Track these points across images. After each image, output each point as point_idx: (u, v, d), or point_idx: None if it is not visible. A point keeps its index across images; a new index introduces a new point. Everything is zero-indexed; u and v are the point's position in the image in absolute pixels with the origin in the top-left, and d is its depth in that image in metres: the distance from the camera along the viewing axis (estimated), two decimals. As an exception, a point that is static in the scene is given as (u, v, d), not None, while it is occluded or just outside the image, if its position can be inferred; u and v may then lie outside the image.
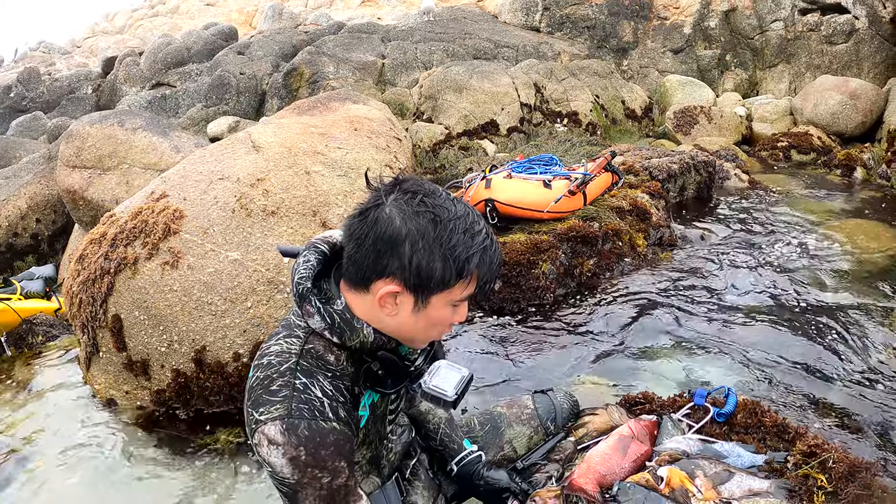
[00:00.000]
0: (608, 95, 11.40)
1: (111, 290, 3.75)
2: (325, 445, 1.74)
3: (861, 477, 2.39)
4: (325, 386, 1.81)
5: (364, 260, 1.76)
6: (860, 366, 4.13)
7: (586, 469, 2.49)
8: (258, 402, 1.77)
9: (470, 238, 1.75)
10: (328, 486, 1.76)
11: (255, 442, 1.76)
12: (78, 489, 3.49)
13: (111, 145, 7.87)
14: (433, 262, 1.72)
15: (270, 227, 3.78)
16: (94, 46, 25.56)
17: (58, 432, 3.93)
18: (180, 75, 14.02)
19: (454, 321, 1.88)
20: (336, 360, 1.87)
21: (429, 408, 2.58)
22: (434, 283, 1.74)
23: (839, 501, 2.32)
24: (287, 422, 1.72)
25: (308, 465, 1.72)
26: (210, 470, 3.54)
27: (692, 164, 6.66)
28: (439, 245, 1.71)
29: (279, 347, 1.86)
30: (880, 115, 9.70)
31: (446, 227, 1.72)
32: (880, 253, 5.70)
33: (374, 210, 1.75)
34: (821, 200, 7.55)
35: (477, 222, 1.80)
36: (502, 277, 4.43)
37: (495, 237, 1.85)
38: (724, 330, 4.36)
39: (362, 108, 5.25)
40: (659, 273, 5.03)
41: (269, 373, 1.81)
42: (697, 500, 2.33)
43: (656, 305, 4.63)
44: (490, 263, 1.80)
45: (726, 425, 2.83)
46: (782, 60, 12.83)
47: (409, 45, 13.03)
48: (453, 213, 1.75)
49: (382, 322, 1.83)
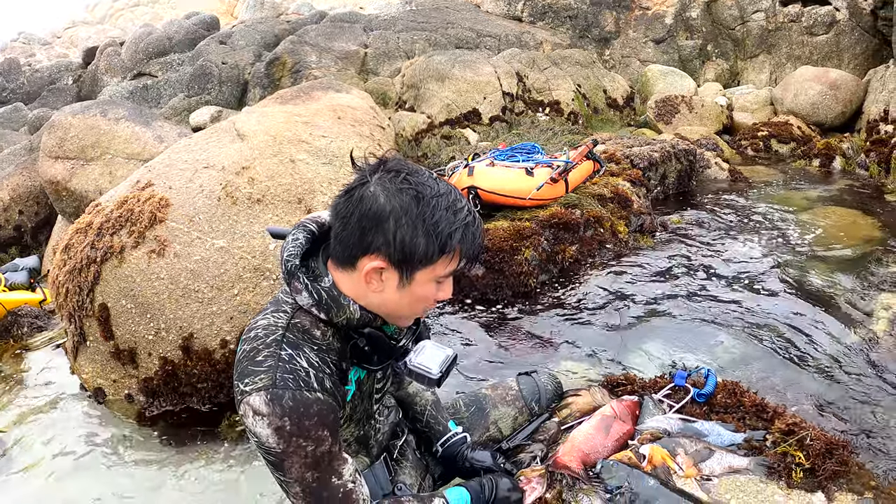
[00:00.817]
0: (590, 85, 11.44)
1: (98, 279, 3.76)
2: (308, 416, 1.77)
3: (838, 454, 2.45)
4: (311, 357, 1.85)
5: (350, 238, 1.80)
6: (836, 349, 4.20)
7: (570, 448, 2.54)
8: (244, 374, 1.81)
9: (452, 214, 1.79)
10: (312, 454, 1.80)
11: (241, 413, 1.80)
12: (67, 480, 3.51)
13: (94, 135, 7.84)
14: (416, 238, 1.76)
15: (256, 214, 3.81)
16: (74, 37, 25.39)
17: (46, 423, 3.94)
18: (162, 65, 13.95)
19: (439, 298, 1.92)
20: (322, 336, 1.91)
21: (416, 390, 2.62)
22: (418, 259, 1.78)
23: (817, 478, 2.38)
24: (271, 392, 1.75)
25: (293, 434, 1.75)
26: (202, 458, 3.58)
27: (673, 153, 6.71)
28: (422, 221, 1.76)
29: (266, 321, 1.90)
30: (860, 105, 9.78)
31: (429, 203, 1.77)
32: (856, 240, 5.77)
33: (359, 189, 1.80)
34: (800, 189, 7.63)
35: (459, 199, 1.83)
36: (486, 264, 4.47)
37: (478, 214, 1.89)
38: (703, 314, 4.42)
39: (345, 96, 5.28)
40: (640, 259, 5.09)
41: (256, 345, 1.84)
42: (679, 477, 2.39)
43: (637, 291, 4.68)
44: (473, 239, 1.84)
45: (706, 405, 2.90)
46: (763, 51, 12.90)
47: (391, 35, 13.01)
48: (436, 190, 1.79)
49: (368, 299, 1.88)
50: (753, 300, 4.58)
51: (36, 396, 4.22)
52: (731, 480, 2.39)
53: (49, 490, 3.48)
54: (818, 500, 2.31)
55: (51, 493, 3.46)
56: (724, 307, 4.52)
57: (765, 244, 5.55)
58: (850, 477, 2.39)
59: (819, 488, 2.35)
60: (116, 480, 3.51)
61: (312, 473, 1.83)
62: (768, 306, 4.51)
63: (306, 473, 1.82)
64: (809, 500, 2.31)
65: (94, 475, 3.54)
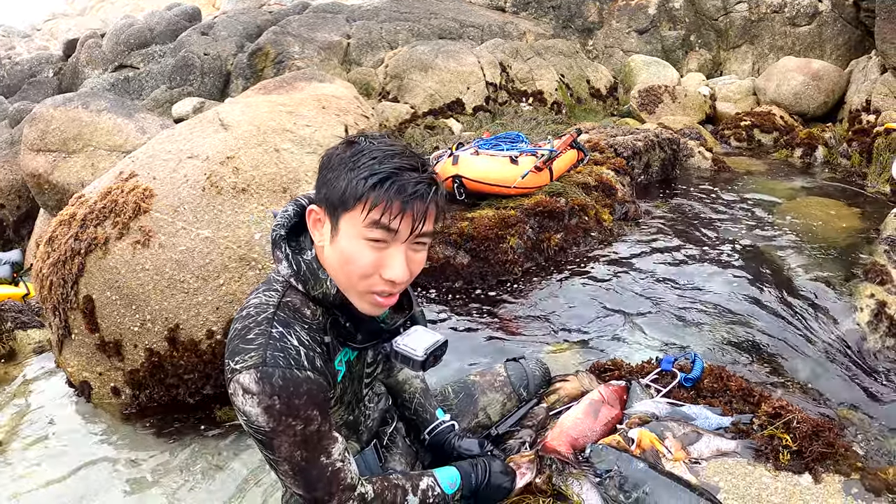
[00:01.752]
0: (573, 75, 11.46)
1: (82, 271, 3.73)
2: (298, 395, 1.77)
3: (824, 436, 2.47)
4: (301, 336, 1.85)
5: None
6: (820, 335, 4.24)
7: (559, 433, 2.55)
8: (235, 352, 1.80)
9: (377, 163, 1.75)
10: (302, 433, 1.80)
11: (231, 391, 1.79)
12: (52, 477, 3.49)
13: (76, 128, 7.78)
14: (338, 181, 1.77)
15: (241, 204, 3.79)
16: (54, 29, 25.18)
17: (33, 418, 3.93)
18: (143, 57, 13.87)
19: (383, 275, 1.83)
20: (312, 315, 1.91)
21: (405, 377, 2.62)
22: (337, 200, 1.77)
23: (804, 460, 2.40)
24: (262, 370, 1.74)
25: (282, 413, 1.75)
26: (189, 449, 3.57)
27: (657, 142, 6.74)
28: (345, 165, 1.77)
29: (258, 300, 1.90)
30: (842, 95, 9.85)
31: (360, 150, 1.78)
32: (838, 230, 5.81)
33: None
34: (782, 179, 7.67)
35: (397, 154, 1.79)
36: (471, 252, 4.47)
37: (432, 177, 1.83)
38: (688, 300, 4.45)
39: (329, 86, 5.26)
40: (624, 247, 5.11)
41: (247, 323, 1.84)
42: (668, 461, 2.41)
43: (622, 278, 4.70)
44: (397, 190, 1.74)
45: (693, 390, 2.91)
46: (746, 41, 12.96)
47: (374, 25, 12.98)
48: (377, 146, 1.79)
49: (329, 267, 1.88)
50: (738, 288, 4.61)
51: (22, 392, 4.20)
52: (720, 463, 2.41)
53: (33, 486, 3.46)
54: (805, 482, 2.33)
55: (35, 490, 3.44)
56: (708, 294, 4.54)
57: (748, 233, 5.58)
58: (836, 458, 2.42)
59: (806, 470, 2.37)
60: (101, 475, 3.49)
61: (301, 452, 1.82)
62: (752, 293, 4.54)
63: (295, 452, 1.81)
64: (797, 482, 2.33)
65: (80, 470, 3.53)
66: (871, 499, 2.28)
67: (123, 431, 3.74)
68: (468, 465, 2.30)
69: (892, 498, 2.33)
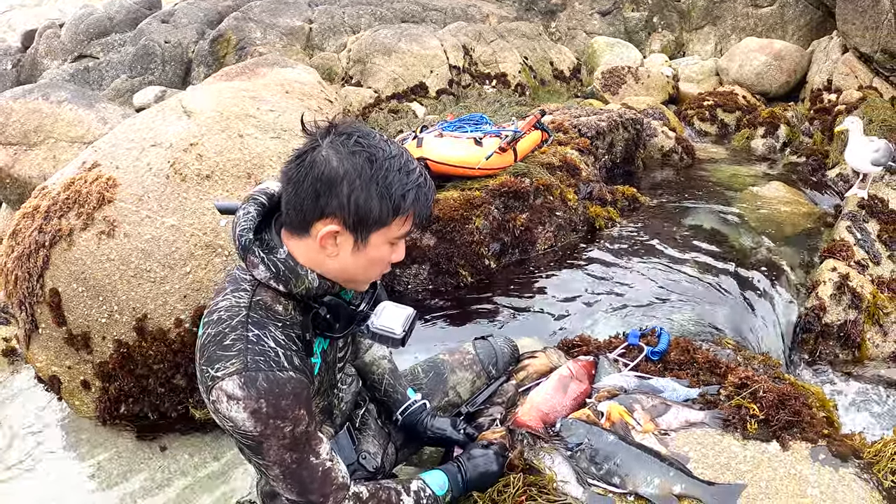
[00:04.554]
0: (536, 57, 11.47)
1: (47, 264, 3.70)
2: (284, 395, 1.77)
3: (790, 405, 2.52)
4: (277, 336, 1.84)
5: (303, 203, 1.79)
6: (782, 310, 4.33)
7: (529, 408, 2.58)
8: (213, 359, 1.79)
9: (405, 175, 1.80)
10: (291, 435, 1.80)
11: (214, 399, 1.77)
12: (24, 480, 3.47)
13: (36, 120, 7.70)
14: (370, 201, 1.76)
15: (206, 191, 3.77)
16: (11, 21, 24.71)
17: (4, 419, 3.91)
18: (103, 46, 13.68)
19: (393, 260, 1.94)
20: (284, 310, 1.91)
21: (373, 359, 2.63)
22: (372, 221, 1.79)
23: (771, 428, 2.45)
24: (245, 375, 1.74)
25: (270, 416, 1.75)
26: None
27: (620, 122, 6.76)
28: (376, 183, 1.76)
29: (228, 303, 1.88)
30: (804, 75, 9.94)
31: (382, 165, 1.77)
32: (800, 207, 5.91)
33: (310, 153, 1.79)
34: (745, 157, 7.80)
35: (411, 161, 1.85)
36: (437, 233, 4.48)
37: (427, 175, 1.90)
38: (653, 277, 4.50)
39: (292, 71, 5.23)
40: (589, 227, 5.16)
41: (221, 328, 1.82)
42: (637, 433, 2.45)
43: (588, 256, 4.75)
44: (425, 200, 1.86)
45: (660, 363, 2.96)
46: (708, 23, 13.00)
47: (336, 10, 12.90)
48: (388, 152, 1.80)
49: (325, 266, 1.88)
50: (702, 267, 4.67)
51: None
52: (689, 434, 2.45)
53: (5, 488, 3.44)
54: (773, 449, 2.38)
55: (7, 492, 3.43)
56: (672, 270, 4.59)
57: (712, 213, 5.64)
58: (803, 426, 2.47)
59: (774, 437, 2.42)
60: (74, 471, 3.50)
61: (291, 454, 1.83)
62: (716, 272, 4.60)
63: (285, 455, 1.82)
64: (765, 450, 2.38)
65: (50, 470, 3.52)
66: (837, 464, 2.34)
67: (92, 425, 3.73)
68: (453, 466, 2.29)
69: (860, 463, 2.38)
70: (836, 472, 2.29)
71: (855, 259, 4.63)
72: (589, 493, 2.26)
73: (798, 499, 2.18)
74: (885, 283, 4.58)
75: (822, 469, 2.30)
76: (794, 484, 2.23)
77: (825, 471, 2.29)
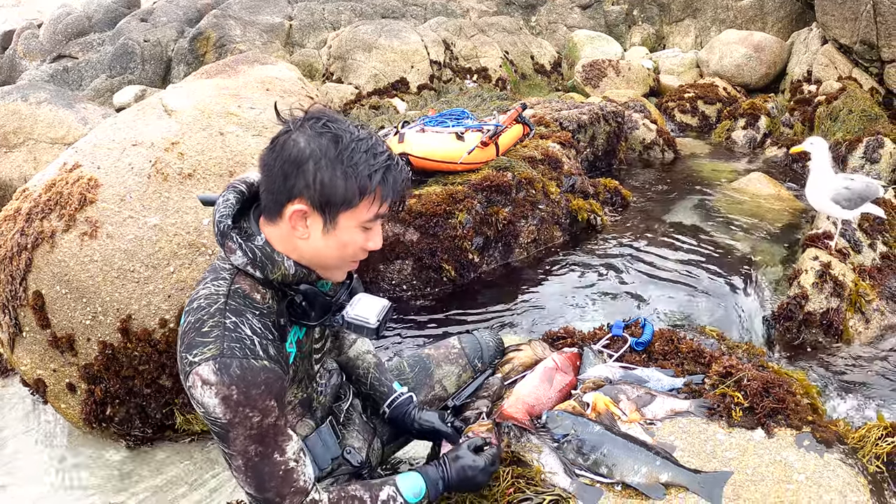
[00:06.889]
0: (517, 51, 11.48)
1: (30, 267, 3.67)
2: (256, 384, 1.78)
3: (775, 392, 2.54)
4: (253, 324, 1.86)
5: (273, 185, 1.83)
6: (766, 299, 4.34)
7: (515, 401, 2.59)
8: (191, 345, 1.81)
9: (372, 157, 1.82)
10: (258, 426, 1.81)
11: (189, 384, 1.80)
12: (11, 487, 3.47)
13: (15, 121, 7.67)
14: (336, 180, 1.78)
15: (188, 189, 3.76)
16: (-13, 21, 24.51)
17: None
18: (82, 46, 13.57)
19: (368, 247, 1.94)
20: (262, 299, 1.92)
21: (357, 353, 2.63)
22: (338, 200, 1.81)
23: (756, 415, 2.47)
24: (220, 361, 1.76)
25: (239, 404, 1.76)
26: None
27: (601, 115, 6.79)
28: (341, 162, 1.79)
29: (207, 290, 1.90)
30: (784, 66, 10.02)
31: (348, 146, 1.79)
32: (782, 201, 5.94)
33: (282, 137, 1.83)
34: (726, 149, 7.85)
35: (379, 144, 1.86)
36: (420, 228, 4.49)
37: (400, 160, 1.91)
38: (636, 268, 4.53)
39: (272, 68, 5.22)
40: (571, 220, 5.17)
41: (200, 315, 1.84)
42: (623, 423, 2.46)
43: (571, 249, 4.77)
44: (394, 182, 1.86)
45: (645, 353, 2.97)
46: (688, 15, 13.03)
47: (316, 6, 12.86)
48: (355, 135, 1.82)
49: (299, 250, 1.90)
50: (683, 255, 4.70)
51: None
52: (674, 423, 2.47)
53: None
54: (758, 436, 2.40)
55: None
56: (656, 265, 4.62)
57: (694, 206, 5.67)
58: (787, 413, 2.48)
59: (759, 425, 2.44)
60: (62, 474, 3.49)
61: (256, 447, 1.84)
62: (699, 265, 4.62)
63: (249, 446, 1.83)
64: (750, 437, 2.40)
65: (36, 472, 3.51)
66: (822, 450, 2.35)
67: (78, 428, 3.72)
68: (434, 468, 2.22)
69: (844, 449, 2.40)
70: (821, 458, 2.30)
71: (836, 247, 4.66)
72: (577, 484, 2.26)
73: (784, 485, 2.20)
74: (866, 271, 4.63)
75: (807, 455, 2.32)
76: (780, 470, 2.24)
77: (810, 457, 2.31)
